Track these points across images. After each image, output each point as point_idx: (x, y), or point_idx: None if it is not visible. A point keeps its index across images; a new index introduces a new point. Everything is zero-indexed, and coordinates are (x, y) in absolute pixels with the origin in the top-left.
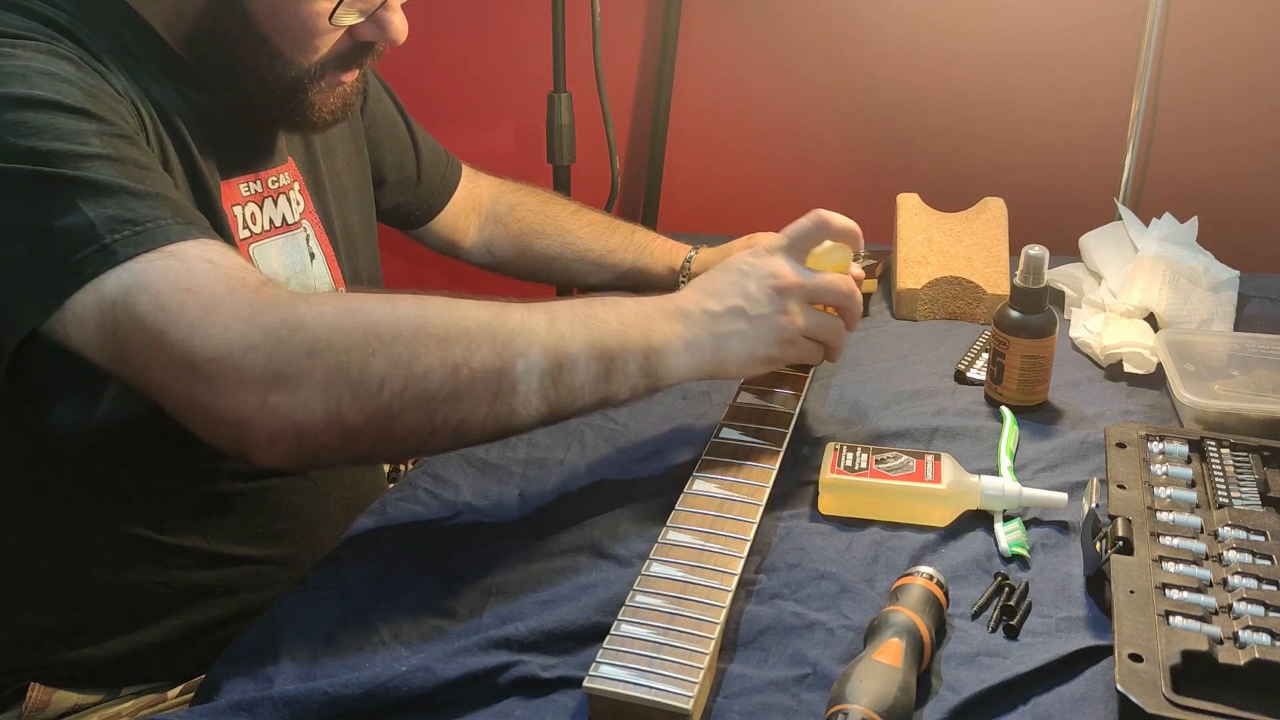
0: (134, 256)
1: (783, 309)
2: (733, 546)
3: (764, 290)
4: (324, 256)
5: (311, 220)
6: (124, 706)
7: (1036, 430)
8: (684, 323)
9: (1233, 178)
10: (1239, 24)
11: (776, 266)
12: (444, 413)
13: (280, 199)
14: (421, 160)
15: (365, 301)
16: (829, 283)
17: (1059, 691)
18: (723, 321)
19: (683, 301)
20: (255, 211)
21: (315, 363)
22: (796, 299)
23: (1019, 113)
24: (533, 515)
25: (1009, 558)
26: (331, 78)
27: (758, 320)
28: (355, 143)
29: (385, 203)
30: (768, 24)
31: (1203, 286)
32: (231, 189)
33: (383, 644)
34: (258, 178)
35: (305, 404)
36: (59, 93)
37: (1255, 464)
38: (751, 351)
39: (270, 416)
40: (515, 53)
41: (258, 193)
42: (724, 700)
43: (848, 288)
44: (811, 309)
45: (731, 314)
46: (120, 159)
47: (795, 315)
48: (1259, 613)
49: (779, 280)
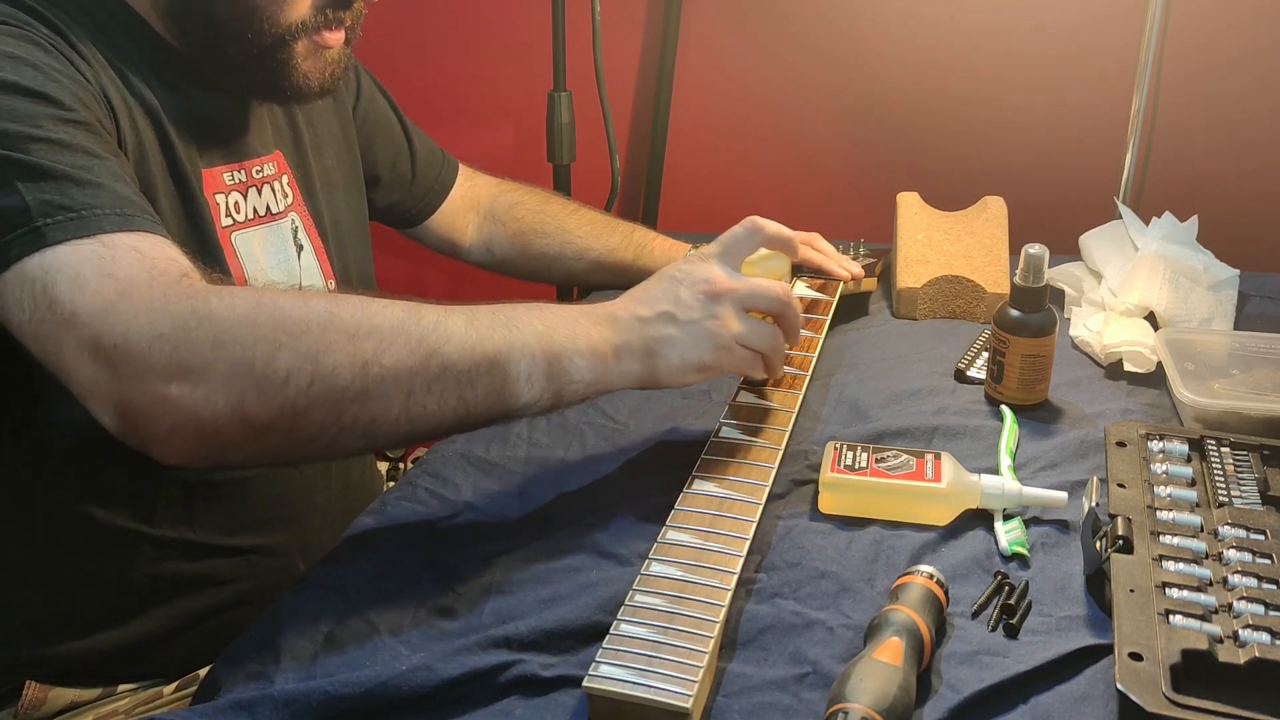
0: (62, 241)
1: (714, 315)
2: (732, 545)
3: (695, 295)
4: (313, 249)
5: (300, 213)
6: (120, 704)
7: (1036, 429)
8: (613, 328)
9: (1233, 177)
10: (1239, 23)
11: (710, 272)
12: (353, 411)
13: (265, 188)
14: (416, 159)
15: (278, 296)
16: (762, 289)
17: (1059, 690)
18: (652, 327)
19: (613, 308)
20: (239, 200)
21: (220, 355)
22: (729, 304)
23: (1019, 112)
24: (533, 515)
25: (1009, 557)
26: (314, 38)
27: (688, 325)
28: (346, 140)
29: (380, 201)
30: (768, 24)
31: (1203, 285)
32: (214, 177)
33: (383, 643)
34: (242, 167)
35: (207, 397)
36: (19, 75)
37: (1255, 463)
38: (683, 357)
39: (172, 408)
40: (515, 52)
41: (241, 181)
42: (724, 699)
43: (783, 294)
44: (747, 317)
45: (661, 319)
46: (69, 145)
47: (728, 321)
48: (1259, 611)
49: (711, 285)
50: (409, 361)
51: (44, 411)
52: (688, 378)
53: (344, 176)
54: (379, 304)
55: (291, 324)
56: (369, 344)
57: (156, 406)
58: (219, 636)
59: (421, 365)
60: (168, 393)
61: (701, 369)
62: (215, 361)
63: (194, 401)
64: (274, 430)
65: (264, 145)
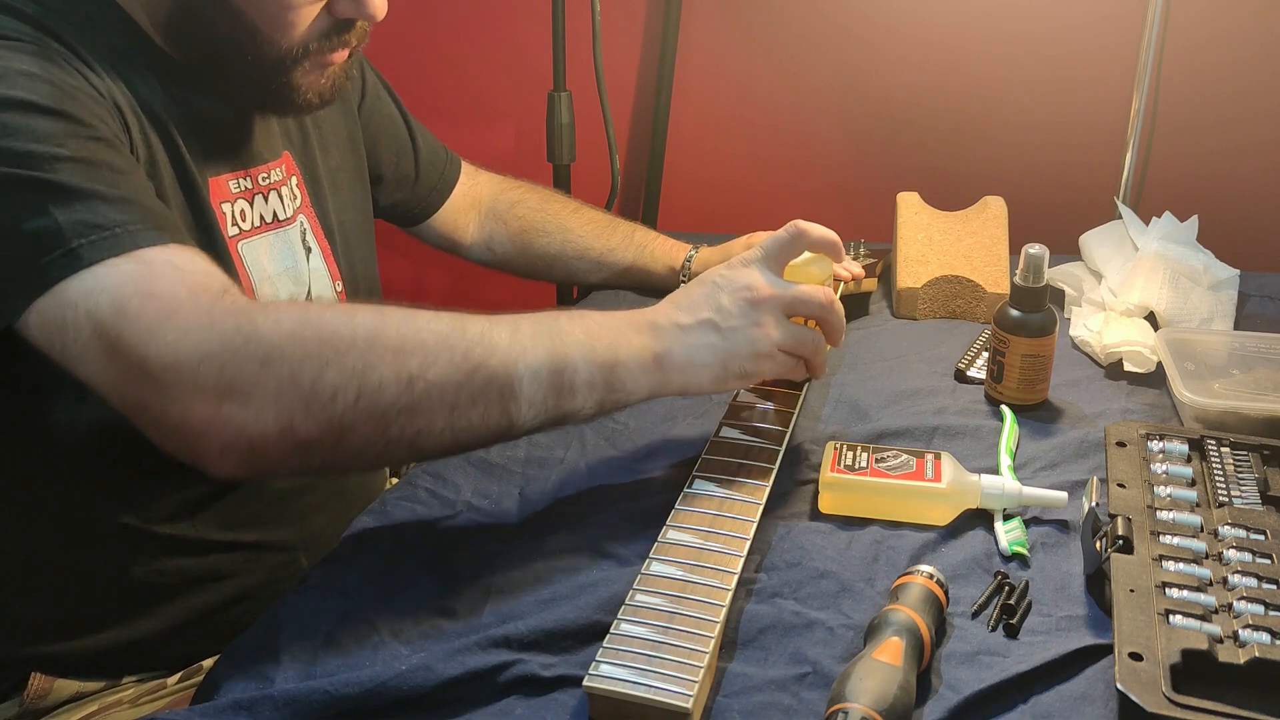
0: (99, 261)
1: (756, 322)
2: (733, 545)
3: (737, 303)
4: (320, 251)
5: (308, 215)
6: (124, 694)
7: (1036, 429)
8: (654, 336)
9: (1233, 177)
10: (1239, 23)
11: (751, 279)
12: (399, 425)
13: (271, 195)
14: (420, 157)
15: (323, 311)
16: (805, 294)
17: (1059, 690)
18: (694, 334)
19: (654, 315)
20: (245, 208)
21: (268, 373)
22: (771, 311)
23: (1019, 112)
24: (533, 515)
25: (1009, 556)
26: (316, 59)
27: (730, 333)
28: (351, 140)
29: (384, 200)
30: (768, 23)
31: (1203, 285)
32: (220, 186)
33: (383, 643)
34: (248, 174)
35: (257, 415)
36: (36, 93)
37: (1255, 463)
38: (724, 365)
39: (222, 426)
40: (515, 52)
41: (248, 189)
42: (724, 699)
43: (826, 299)
44: (788, 322)
45: (703, 327)
46: (93, 162)
47: (770, 328)
48: (1259, 611)
49: (753, 293)
50: (454, 376)
51: (44, 410)
52: (728, 385)
53: (349, 176)
54: (425, 317)
55: (337, 340)
56: (414, 359)
57: (207, 426)
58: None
59: (466, 379)
60: (218, 412)
61: (743, 376)
62: (263, 380)
63: (244, 420)
64: (321, 446)
65: (271, 150)
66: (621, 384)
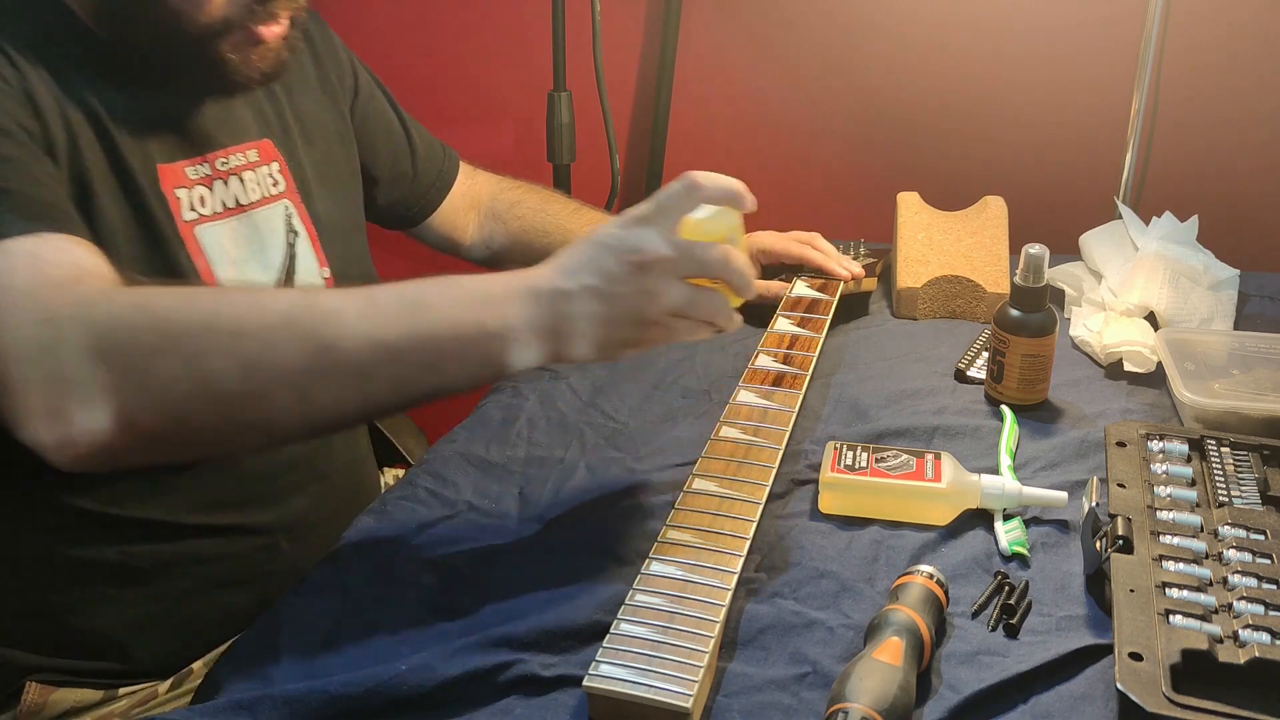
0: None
1: (644, 288)
2: (732, 545)
3: (623, 266)
4: (307, 235)
5: (294, 200)
6: (118, 706)
7: (1036, 429)
8: (534, 304)
9: (1233, 177)
10: (1239, 23)
11: (640, 239)
12: (244, 413)
13: (233, 180)
14: (417, 155)
15: (162, 296)
16: (696, 254)
17: (1059, 690)
18: (575, 302)
19: (534, 280)
20: (204, 194)
21: (102, 366)
22: (661, 276)
23: (1019, 112)
24: (533, 515)
25: (1009, 556)
26: (242, 33)
27: (615, 300)
28: (340, 137)
29: (382, 200)
30: (768, 23)
31: (1203, 285)
32: (175, 172)
33: (383, 643)
34: (205, 160)
35: (93, 411)
36: None
37: (1255, 463)
38: (606, 336)
39: (60, 422)
40: (515, 52)
41: (206, 175)
42: (724, 699)
43: (719, 257)
44: (682, 285)
45: (585, 294)
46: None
47: (660, 295)
48: (1259, 611)
49: (641, 254)
50: (298, 360)
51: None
52: (611, 355)
53: (337, 172)
54: (269, 295)
55: (173, 326)
56: (254, 343)
57: (44, 421)
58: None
59: (312, 362)
60: (56, 408)
61: (626, 345)
62: (97, 373)
63: (80, 415)
64: (165, 437)
65: (234, 135)
66: (496, 357)
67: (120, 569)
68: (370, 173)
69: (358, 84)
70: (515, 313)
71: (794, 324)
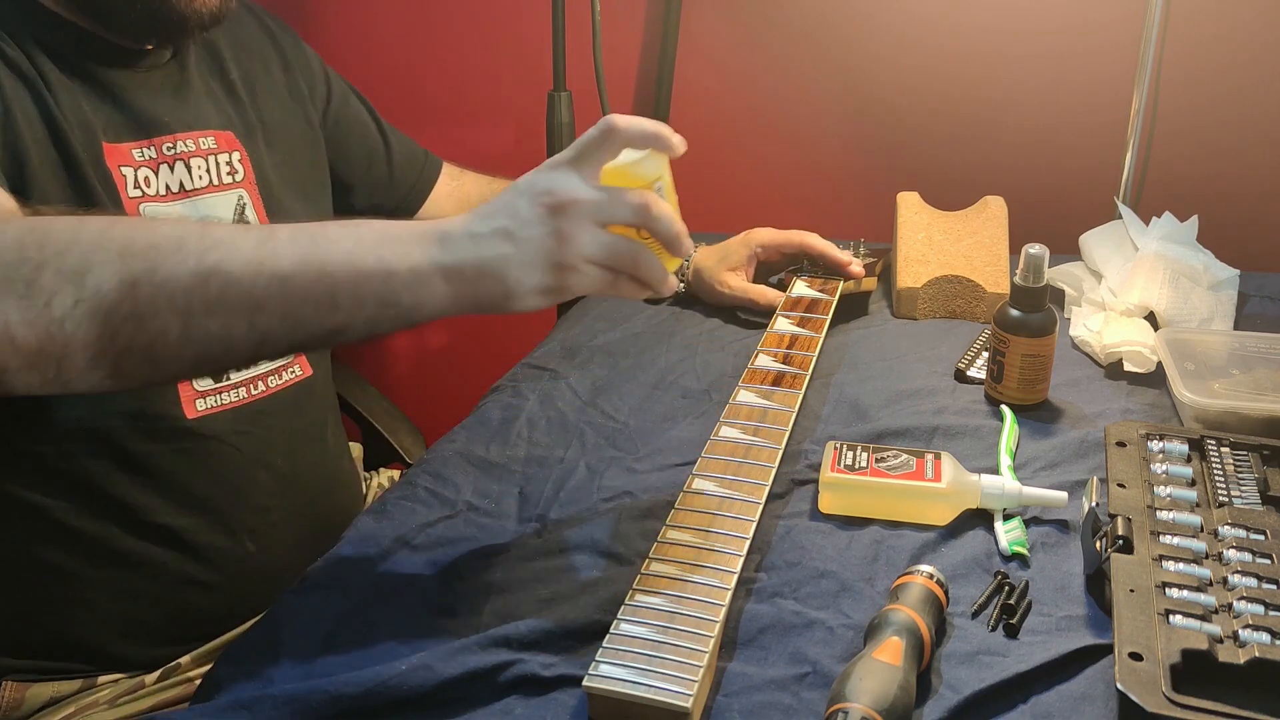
0: None
1: (555, 231)
2: (732, 545)
3: (535, 209)
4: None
5: (250, 191)
6: (101, 694)
7: (1036, 429)
8: (441, 246)
9: (1233, 177)
10: (1239, 23)
11: (554, 182)
12: (127, 333)
13: (179, 165)
14: (393, 159)
15: (55, 219)
16: (613, 198)
17: (1059, 690)
18: (485, 244)
19: (448, 224)
20: (149, 175)
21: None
22: (575, 219)
23: (1019, 112)
24: (533, 514)
25: (1009, 556)
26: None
27: (524, 243)
28: (308, 141)
29: (360, 204)
30: (768, 23)
31: (1203, 285)
32: (120, 151)
33: (383, 642)
34: (151, 143)
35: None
36: None
37: (1255, 463)
38: (519, 279)
39: None
40: (515, 52)
41: (152, 158)
42: (724, 699)
43: (637, 201)
44: (600, 231)
45: (496, 235)
46: None
47: (574, 238)
48: (1259, 611)
49: (553, 197)
50: (184, 280)
51: None
52: (528, 301)
53: (301, 174)
54: (163, 222)
55: (59, 242)
56: (139, 262)
57: None
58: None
59: (199, 284)
60: None
61: (544, 292)
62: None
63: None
64: (47, 355)
65: (185, 123)
66: (397, 298)
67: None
68: (343, 179)
69: (330, 91)
70: (421, 253)
71: (794, 324)
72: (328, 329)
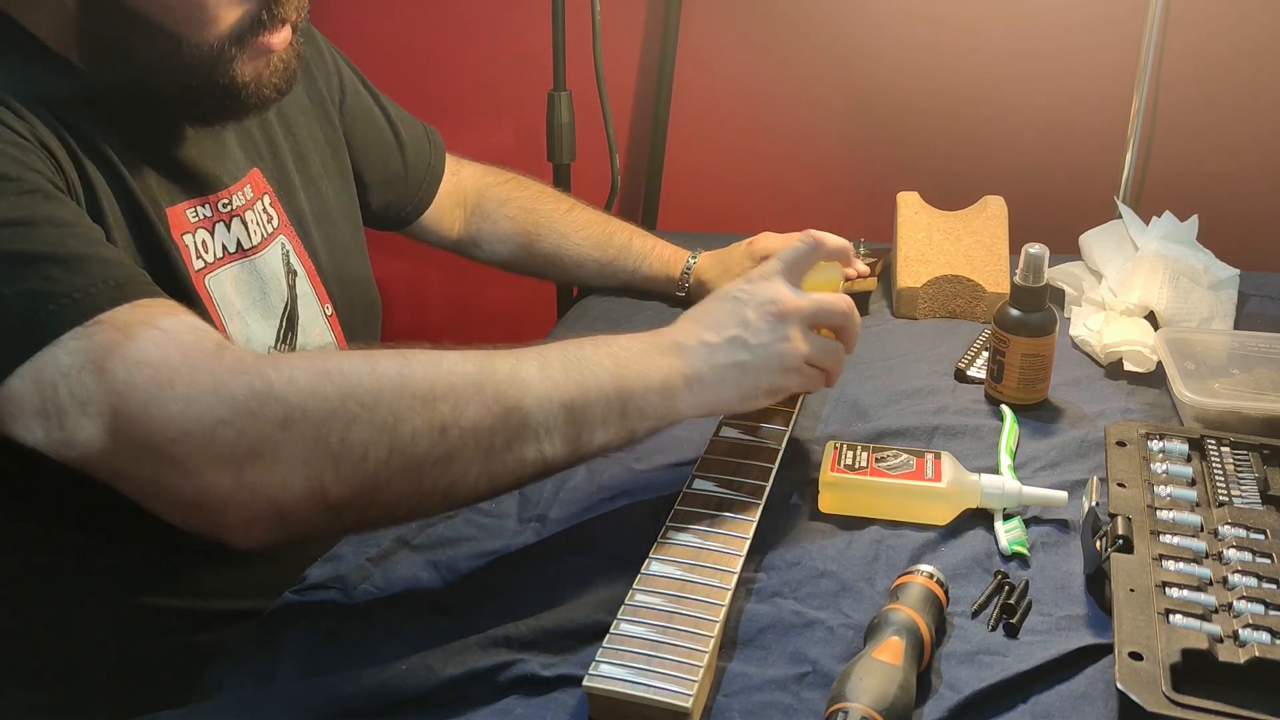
0: (66, 331)
1: (784, 336)
2: (732, 545)
3: (764, 317)
4: (306, 273)
5: (289, 235)
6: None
7: (1036, 429)
8: (681, 357)
9: (1233, 177)
10: (1239, 23)
11: (775, 292)
12: (433, 477)
13: (234, 222)
14: (405, 151)
15: (341, 362)
16: (829, 305)
17: (1059, 690)
18: (721, 353)
19: (678, 335)
20: (206, 238)
21: (291, 434)
22: (797, 324)
23: (1019, 112)
24: (533, 514)
25: (1009, 556)
26: (253, 47)
27: (759, 349)
28: (331, 145)
29: (375, 203)
30: (768, 23)
31: (1203, 285)
32: (179, 215)
33: (383, 642)
34: (205, 201)
35: (284, 480)
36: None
37: (1255, 462)
38: (755, 383)
39: (247, 497)
40: (515, 51)
41: (206, 218)
42: (724, 699)
43: (847, 308)
44: (813, 334)
45: (731, 344)
46: (34, 221)
47: (797, 341)
48: (1259, 611)
49: (778, 306)
50: (487, 420)
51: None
52: (758, 401)
53: (333, 183)
54: (450, 359)
55: (362, 392)
56: (445, 405)
57: (232, 497)
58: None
59: (500, 423)
60: (241, 481)
61: (773, 392)
62: (286, 442)
63: (269, 486)
64: (354, 506)
65: (230, 172)
66: (654, 410)
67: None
68: (362, 178)
69: (343, 84)
70: (669, 365)
71: None
72: (599, 445)
